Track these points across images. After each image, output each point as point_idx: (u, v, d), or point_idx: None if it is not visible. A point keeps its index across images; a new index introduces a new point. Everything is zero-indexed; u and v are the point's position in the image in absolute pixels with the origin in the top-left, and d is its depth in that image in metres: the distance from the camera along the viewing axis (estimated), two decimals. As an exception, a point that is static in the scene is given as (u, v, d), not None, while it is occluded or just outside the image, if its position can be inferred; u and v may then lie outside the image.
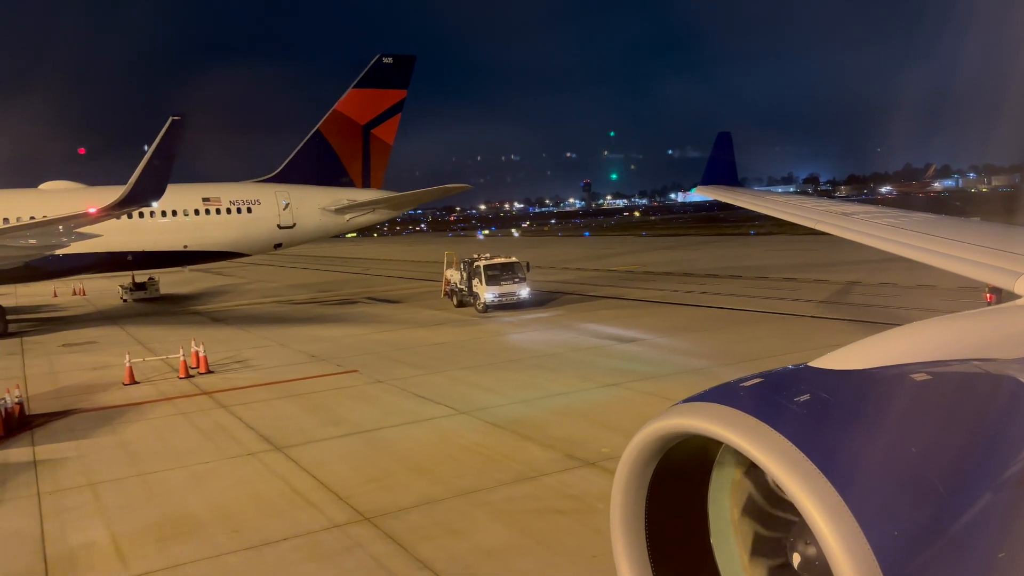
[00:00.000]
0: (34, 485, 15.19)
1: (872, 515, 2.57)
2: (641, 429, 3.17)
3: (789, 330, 27.65)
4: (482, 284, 36.12)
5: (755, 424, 2.83)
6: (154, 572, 11.04)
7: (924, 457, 2.81)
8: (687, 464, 3.29)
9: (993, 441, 3.00)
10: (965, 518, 2.70)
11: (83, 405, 21.95)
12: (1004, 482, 2.85)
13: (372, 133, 50.33)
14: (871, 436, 2.88)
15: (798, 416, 2.91)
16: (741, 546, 3.33)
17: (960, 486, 2.76)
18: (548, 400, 19.37)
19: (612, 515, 3.33)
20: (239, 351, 29.24)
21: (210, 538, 12.15)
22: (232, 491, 14.28)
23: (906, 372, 3.31)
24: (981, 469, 2.86)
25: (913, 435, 2.90)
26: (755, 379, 3.23)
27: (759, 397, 3.08)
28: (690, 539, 3.39)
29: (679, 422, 3.06)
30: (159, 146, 28.87)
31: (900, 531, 2.59)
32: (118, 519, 13.19)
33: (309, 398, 21.31)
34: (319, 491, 13.97)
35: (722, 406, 2.98)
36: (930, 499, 2.68)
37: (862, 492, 2.63)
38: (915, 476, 2.73)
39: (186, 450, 16.99)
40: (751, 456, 2.78)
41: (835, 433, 2.86)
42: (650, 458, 3.22)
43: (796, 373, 3.36)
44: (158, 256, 43.20)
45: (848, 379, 3.28)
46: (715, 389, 3.18)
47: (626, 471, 3.27)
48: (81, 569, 11.29)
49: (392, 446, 16.46)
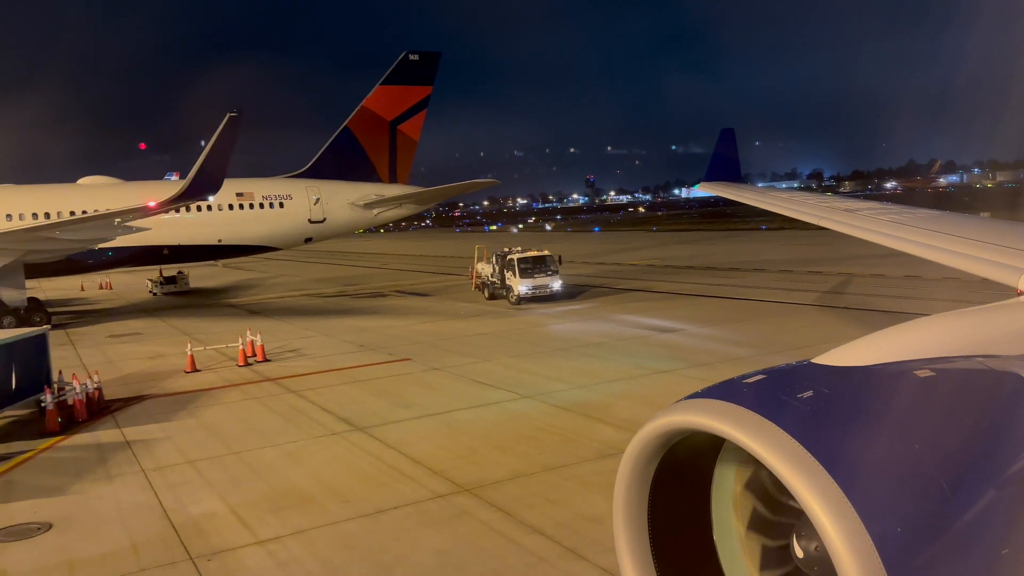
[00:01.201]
0: (135, 463, 16.06)
1: (875, 511, 2.58)
2: (644, 425, 3.19)
3: (824, 321, 28.49)
4: (515, 277, 36.94)
5: (758, 420, 2.84)
6: (281, 538, 11.91)
7: (927, 453, 2.82)
8: (691, 460, 3.30)
9: (996, 437, 3.02)
10: (968, 514, 2.72)
11: (153, 391, 22.83)
12: (1007, 478, 2.87)
13: (399, 129, 51.16)
14: (874, 432, 2.89)
15: (801, 412, 2.93)
16: (744, 542, 3.35)
17: (963, 482, 2.77)
18: (606, 385, 20.22)
19: (615, 511, 3.35)
20: (287, 341, 30.09)
21: (323, 508, 13.02)
22: (328, 467, 15.15)
23: (909, 368, 3.33)
24: (984, 465, 2.88)
25: (916, 431, 2.93)
26: (758, 375, 3.25)
27: (762, 393, 3.09)
28: (693, 535, 3.41)
29: (682, 418, 3.08)
30: (217, 141, 29.73)
31: (903, 527, 2.60)
32: (228, 492, 14.05)
33: (372, 384, 22.16)
34: (412, 466, 14.84)
35: (725, 402, 2.99)
36: (933, 495, 2.70)
37: (865, 488, 2.64)
38: (918, 472, 2.75)
39: (271, 431, 17.86)
40: (754, 452, 2.79)
41: (838, 429, 2.88)
42: (653, 454, 3.23)
43: (799, 369, 3.39)
44: (193, 250, 44.06)
45: (851, 375, 3.30)
46: (719, 385, 3.20)
47: (629, 467, 3.28)
48: (210, 536, 12.15)
49: (468, 427, 17.32)
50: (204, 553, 11.46)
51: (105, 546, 11.93)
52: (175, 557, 11.40)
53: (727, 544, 3.39)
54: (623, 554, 3.34)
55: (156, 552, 11.62)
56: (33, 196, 41.39)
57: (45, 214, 40.00)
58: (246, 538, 11.96)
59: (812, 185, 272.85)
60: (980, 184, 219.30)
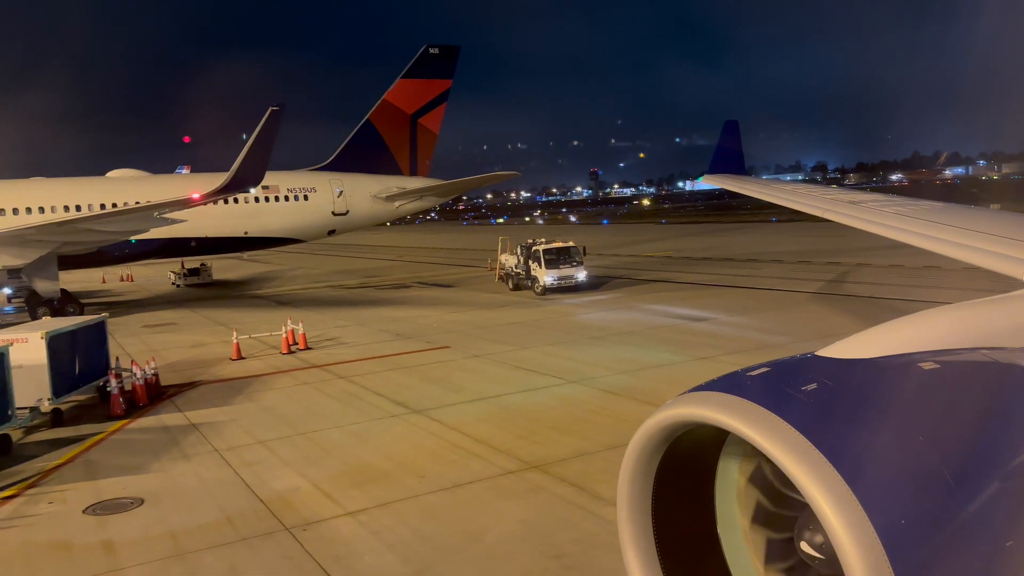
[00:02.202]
0: (207, 444, 16.74)
1: (879, 504, 2.58)
2: (648, 418, 3.20)
3: (851, 309, 29.10)
4: (541, 268, 37.57)
5: (762, 413, 2.85)
6: (368, 509, 12.57)
7: (932, 446, 2.82)
8: (694, 452, 3.31)
9: (1001, 430, 3.02)
10: (972, 507, 2.72)
11: (204, 377, 23.51)
12: (1011, 471, 2.87)
13: (419, 122, 51.73)
14: (879, 425, 2.89)
15: (805, 405, 2.93)
16: (748, 535, 3.35)
17: (967, 475, 2.77)
18: (649, 371, 20.87)
19: (619, 503, 3.35)
20: (324, 331, 30.73)
21: (401, 483, 13.68)
22: (396, 446, 15.81)
23: (914, 361, 3.32)
24: (989, 458, 2.88)
25: (921, 424, 2.93)
26: (763, 368, 3.26)
27: (767, 386, 3.10)
28: (697, 528, 3.42)
29: (686, 411, 3.08)
30: (259, 134, 30.36)
31: (907, 520, 2.60)
32: (306, 469, 14.72)
33: (418, 370, 22.82)
34: (477, 445, 15.50)
35: (729, 395, 3.00)
36: (937, 488, 2.70)
37: (869, 481, 2.64)
38: (922, 465, 2.75)
39: (330, 414, 18.53)
40: (758, 445, 2.79)
41: (842, 422, 2.87)
42: (657, 447, 3.24)
43: (804, 362, 3.39)
44: (220, 242, 44.72)
45: (856, 368, 3.29)
46: (723, 378, 3.22)
47: (633, 460, 3.28)
48: (299, 508, 12.81)
49: (521, 410, 17.97)
50: (298, 524, 12.12)
51: (200, 518, 12.60)
52: (271, 528, 12.07)
53: (731, 537, 3.40)
54: (627, 547, 3.34)
55: (251, 523, 12.29)
56: (65, 189, 42.05)
57: (76, 206, 40.68)
58: (335, 510, 12.62)
59: (817, 177, 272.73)
60: (986, 176, 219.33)
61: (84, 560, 11.29)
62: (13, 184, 43.07)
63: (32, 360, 17.95)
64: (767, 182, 29.20)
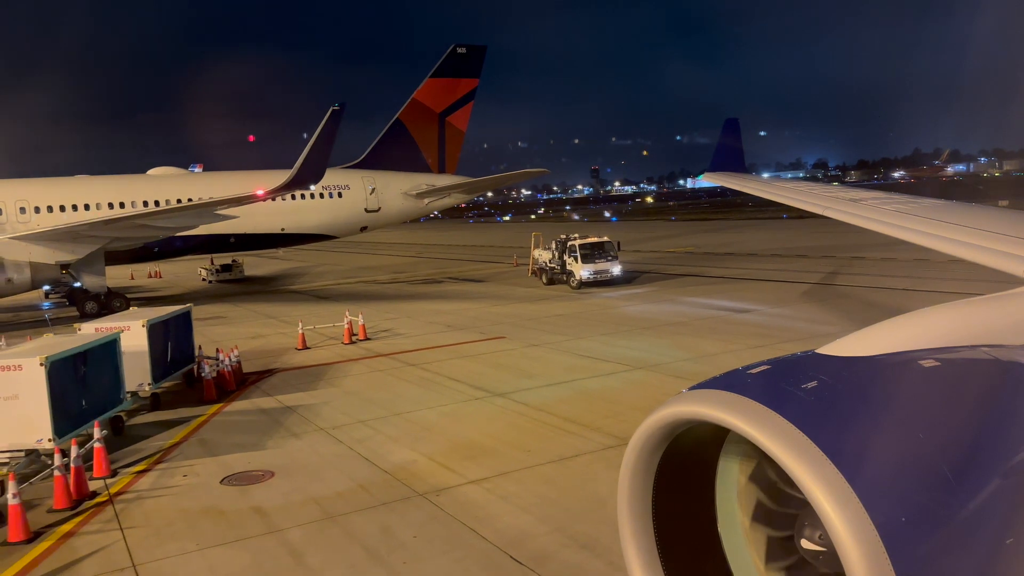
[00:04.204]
0: (310, 423, 17.78)
1: (879, 501, 2.59)
2: (649, 416, 3.24)
3: (889, 302, 30.17)
4: (577, 262, 38.62)
5: (762, 411, 2.87)
6: (489, 479, 13.63)
7: (931, 443, 2.83)
8: (695, 450, 3.33)
9: (1001, 427, 3.02)
10: (972, 504, 2.73)
11: (278, 365, 24.55)
12: (1011, 468, 2.88)
13: (447, 120, 52.80)
14: (878, 422, 2.91)
15: (805, 403, 2.95)
16: (748, 533, 3.37)
17: (967, 472, 2.78)
18: (711, 358, 21.92)
19: (619, 500, 3.39)
20: (375, 323, 31.73)
21: (510, 456, 14.73)
22: (491, 425, 16.86)
23: (914, 358, 3.34)
24: (988, 455, 2.89)
25: (920, 421, 2.94)
26: (762, 366, 3.29)
27: (766, 384, 3.12)
28: (697, 525, 3.45)
29: (686, 409, 3.11)
30: (320, 133, 31.39)
31: (907, 517, 2.61)
32: (415, 445, 15.76)
33: (483, 358, 23.86)
34: (569, 424, 16.54)
35: (729, 393, 3.02)
36: (937, 485, 2.70)
37: (869, 478, 2.65)
38: (922, 462, 2.76)
39: (416, 397, 19.57)
40: (758, 443, 2.82)
41: (842, 420, 2.89)
42: (657, 445, 3.26)
43: (804, 360, 3.41)
44: (258, 238, 45.78)
45: (855, 365, 3.31)
46: (723, 376, 3.24)
47: (633, 457, 3.31)
48: (424, 477, 13.86)
49: (599, 393, 19.02)
50: (429, 491, 13.17)
51: (334, 487, 13.65)
52: (405, 494, 13.12)
53: (731, 534, 3.43)
54: (628, 545, 3.37)
55: (385, 490, 13.34)
56: (109, 186, 43.07)
57: (120, 204, 41.71)
58: (458, 479, 13.67)
59: (818, 175, 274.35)
60: (987, 173, 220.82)
61: (242, 523, 12.34)
62: (56, 182, 44.07)
63: (134, 347, 18.98)
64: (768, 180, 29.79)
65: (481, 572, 10.29)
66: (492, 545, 11.02)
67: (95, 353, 16.92)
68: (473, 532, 11.50)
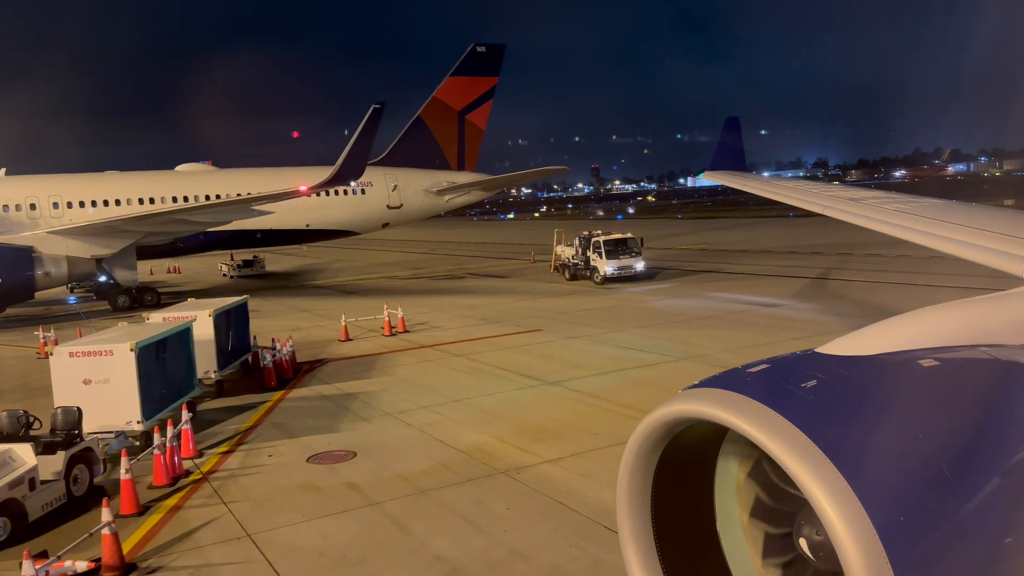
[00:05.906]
0: (375, 408, 18.54)
1: (878, 500, 2.60)
2: (648, 414, 3.28)
3: (914, 296, 30.95)
4: (601, 258, 39.42)
5: (761, 410, 2.88)
6: (564, 458, 14.40)
7: (930, 443, 2.83)
8: (694, 448, 3.34)
9: (1000, 427, 3.03)
10: (971, 504, 2.73)
11: (326, 356, 25.32)
12: (1010, 468, 2.89)
13: (467, 118, 53.57)
14: (877, 422, 2.91)
15: (804, 402, 2.96)
16: (747, 531, 3.39)
17: (966, 472, 2.78)
18: (751, 350, 22.68)
19: (618, 499, 3.39)
20: (408, 316, 32.42)
21: (578, 439, 15.51)
22: (551, 410, 17.63)
23: (913, 358, 3.35)
24: (987, 455, 2.89)
25: (919, 421, 2.95)
26: (762, 365, 3.30)
27: (766, 383, 3.13)
28: (696, 523, 3.46)
29: (686, 408, 3.12)
30: (361, 131, 32.14)
31: (906, 516, 2.62)
32: (483, 428, 16.53)
33: (525, 349, 24.62)
34: (628, 410, 17.30)
35: (729, 392, 3.03)
36: (936, 484, 2.71)
37: (868, 477, 2.66)
38: (921, 461, 2.77)
39: (470, 385, 20.33)
40: (757, 441, 2.83)
41: (841, 419, 2.90)
42: (656, 443, 3.27)
43: (803, 359, 3.42)
44: (283, 234, 46.50)
45: (855, 365, 3.31)
46: (723, 374, 3.27)
47: (633, 455, 3.32)
48: (501, 457, 14.62)
49: (650, 381, 19.79)
50: (509, 469, 13.95)
51: (417, 465, 14.43)
52: (486, 471, 13.90)
53: (730, 532, 3.44)
54: (627, 542, 3.38)
55: (466, 468, 14.12)
56: (140, 182, 43.81)
57: (151, 199, 42.45)
58: (534, 459, 14.46)
59: (818, 174, 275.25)
60: (988, 172, 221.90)
61: (341, 498, 13.12)
62: (88, 178, 44.79)
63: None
64: (768, 179, 30.21)
65: (580, 540, 11.08)
66: (584, 516, 11.81)
67: (173, 340, 17.69)
68: (562, 505, 12.29)
